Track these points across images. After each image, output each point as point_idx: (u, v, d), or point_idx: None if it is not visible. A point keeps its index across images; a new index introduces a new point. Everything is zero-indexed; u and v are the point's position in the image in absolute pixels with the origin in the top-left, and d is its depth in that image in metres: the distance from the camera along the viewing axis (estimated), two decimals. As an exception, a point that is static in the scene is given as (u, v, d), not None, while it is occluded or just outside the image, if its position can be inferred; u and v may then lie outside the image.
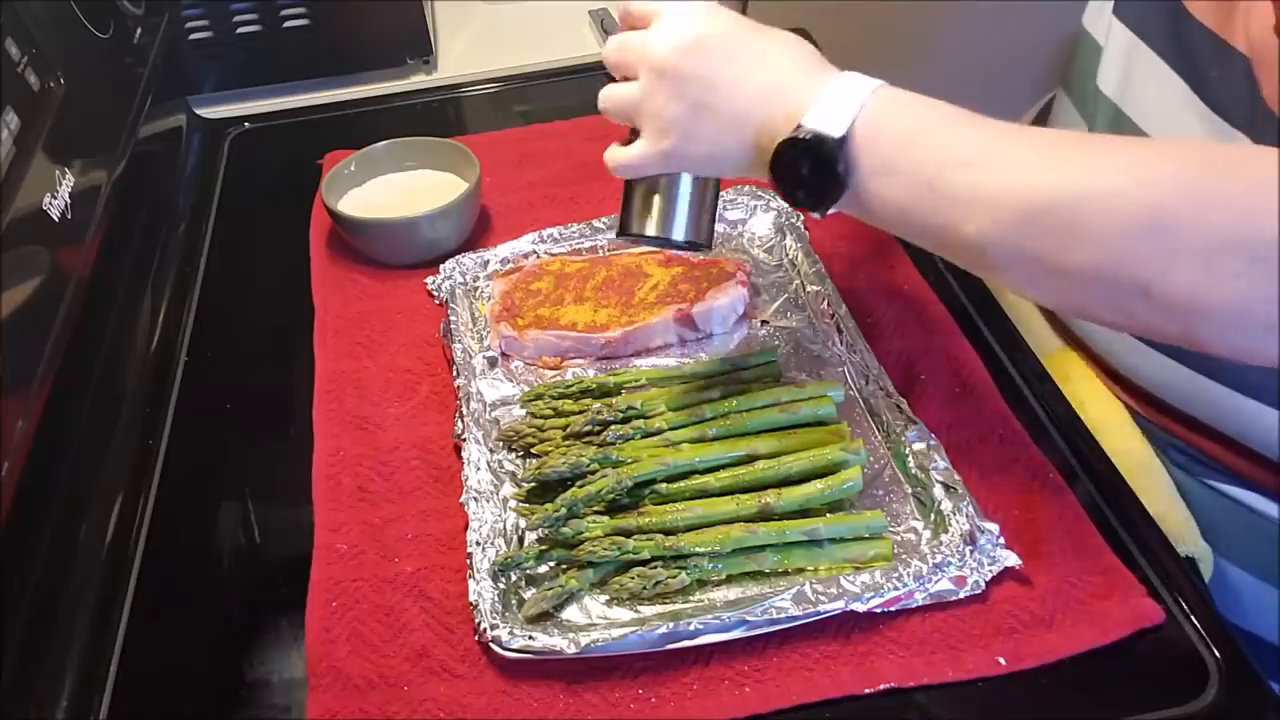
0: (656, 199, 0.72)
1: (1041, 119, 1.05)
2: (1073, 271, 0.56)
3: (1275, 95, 0.68)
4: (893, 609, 0.67)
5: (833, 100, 0.62)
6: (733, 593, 0.70)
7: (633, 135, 0.70)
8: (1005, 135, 0.59)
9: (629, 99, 0.69)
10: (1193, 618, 0.67)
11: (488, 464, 0.78)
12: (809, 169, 0.62)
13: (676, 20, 0.67)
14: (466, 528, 0.73)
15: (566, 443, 0.78)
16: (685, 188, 0.72)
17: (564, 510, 0.71)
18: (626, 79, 0.69)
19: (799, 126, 0.62)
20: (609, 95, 0.71)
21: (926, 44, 1.98)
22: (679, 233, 0.72)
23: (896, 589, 0.67)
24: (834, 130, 0.61)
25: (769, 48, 0.66)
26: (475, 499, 0.75)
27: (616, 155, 0.71)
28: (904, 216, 0.62)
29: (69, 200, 0.82)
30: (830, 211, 0.64)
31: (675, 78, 0.66)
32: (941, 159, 0.59)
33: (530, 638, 0.66)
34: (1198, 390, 0.80)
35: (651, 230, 0.72)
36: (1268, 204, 0.50)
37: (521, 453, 0.80)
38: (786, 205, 0.98)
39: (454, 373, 0.87)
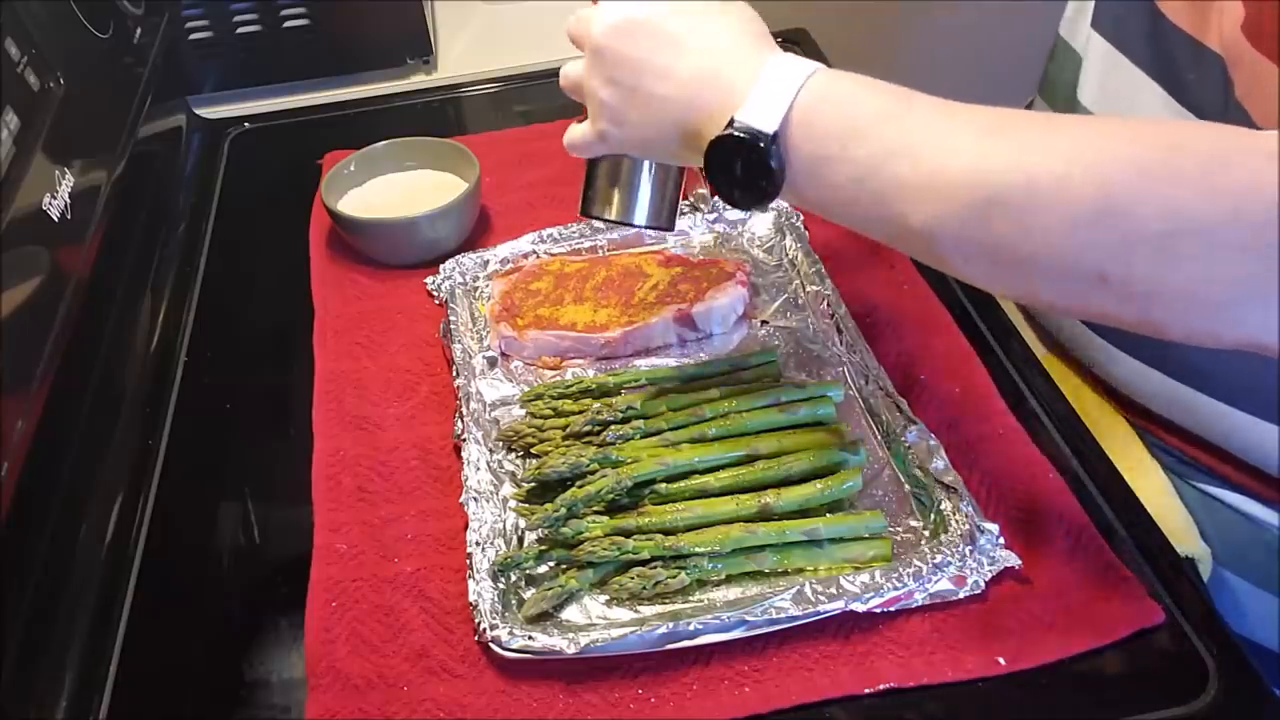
0: (618, 180, 0.71)
1: None
2: (1025, 261, 0.53)
3: (1248, 93, 0.68)
4: (892, 609, 0.67)
5: (765, 90, 0.59)
6: (732, 593, 0.70)
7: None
8: (948, 118, 0.56)
9: (576, 76, 0.68)
10: (1193, 618, 0.67)
11: (487, 464, 0.78)
12: (742, 167, 0.60)
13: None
14: (466, 528, 0.73)
15: (566, 443, 0.78)
16: (644, 169, 0.71)
17: (564, 510, 0.71)
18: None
19: (731, 121, 0.59)
20: (565, 71, 0.70)
21: (926, 44, 1.99)
22: (638, 216, 0.72)
23: (896, 589, 0.67)
24: (767, 125, 0.58)
25: (702, 27, 0.63)
26: (475, 499, 0.75)
27: (570, 133, 0.70)
28: (847, 209, 0.60)
29: (69, 200, 0.82)
30: (771, 206, 0.63)
31: (607, 59, 0.64)
32: (881, 149, 0.57)
33: (530, 638, 0.66)
34: (1186, 401, 0.79)
35: (611, 214, 0.72)
36: (1223, 183, 0.48)
37: (521, 453, 0.80)
38: (786, 205, 0.98)
39: (454, 373, 0.87)
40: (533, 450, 0.79)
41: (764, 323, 0.90)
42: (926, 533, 0.72)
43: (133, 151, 0.98)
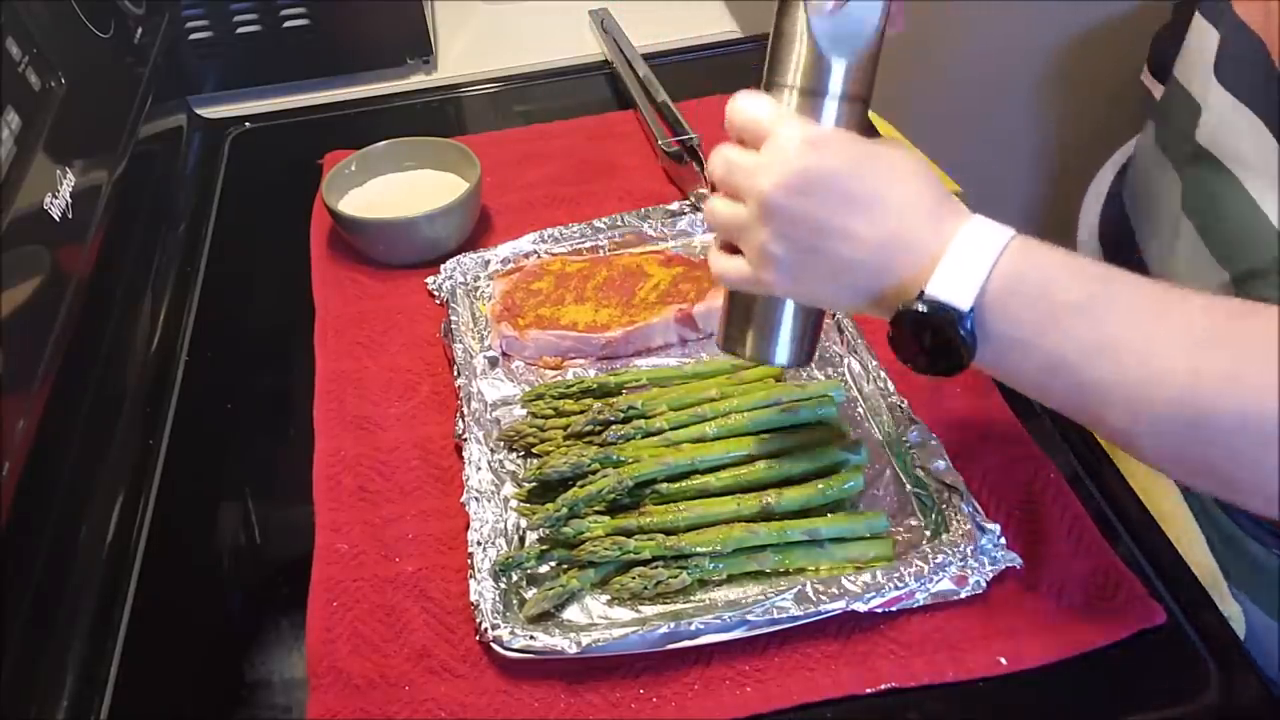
0: (756, 317, 0.66)
1: (1120, 173, 0.97)
2: (1229, 481, 0.54)
3: None
4: (893, 609, 0.67)
5: (958, 262, 0.56)
6: (733, 593, 0.70)
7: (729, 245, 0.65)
8: (1155, 319, 0.54)
9: (734, 221, 0.62)
10: (1193, 618, 0.67)
11: (488, 464, 0.78)
12: (931, 339, 0.57)
13: (787, 150, 0.59)
14: (467, 527, 0.73)
15: (567, 443, 0.78)
16: (788, 310, 0.65)
17: (565, 510, 0.71)
18: (729, 196, 0.63)
19: (920, 294, 0.56)
20: (715, 211, 0.64)
21: (926, 44, 1.99)
22: (780, 356, 0.66)
23: (897, 589, 0.67)
24: (960, 302, 0.56)
25: (889, 188, 0.59)
26: (476, 499, 0.75)
27: (717, 263, 0.65)
28: (1041, 392, 0.59)
29: (69, 200, 0.82)
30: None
31: (781, 218, 0.59)
32: (1078, 346, 0.55)
33: (531, 638, 0.66)
34: None
35: (748, 353, 0.67)
36: None
37: (522, 453, 0.80)
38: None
39: (455, 373, 0.87)
40: (534, 450, 0.79)
41: (765, 323, 0.90)
42: (928, 533, 0.72)
43: (133, 151, 0.98)
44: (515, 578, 0.71)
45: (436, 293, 0.96)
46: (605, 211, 1.01)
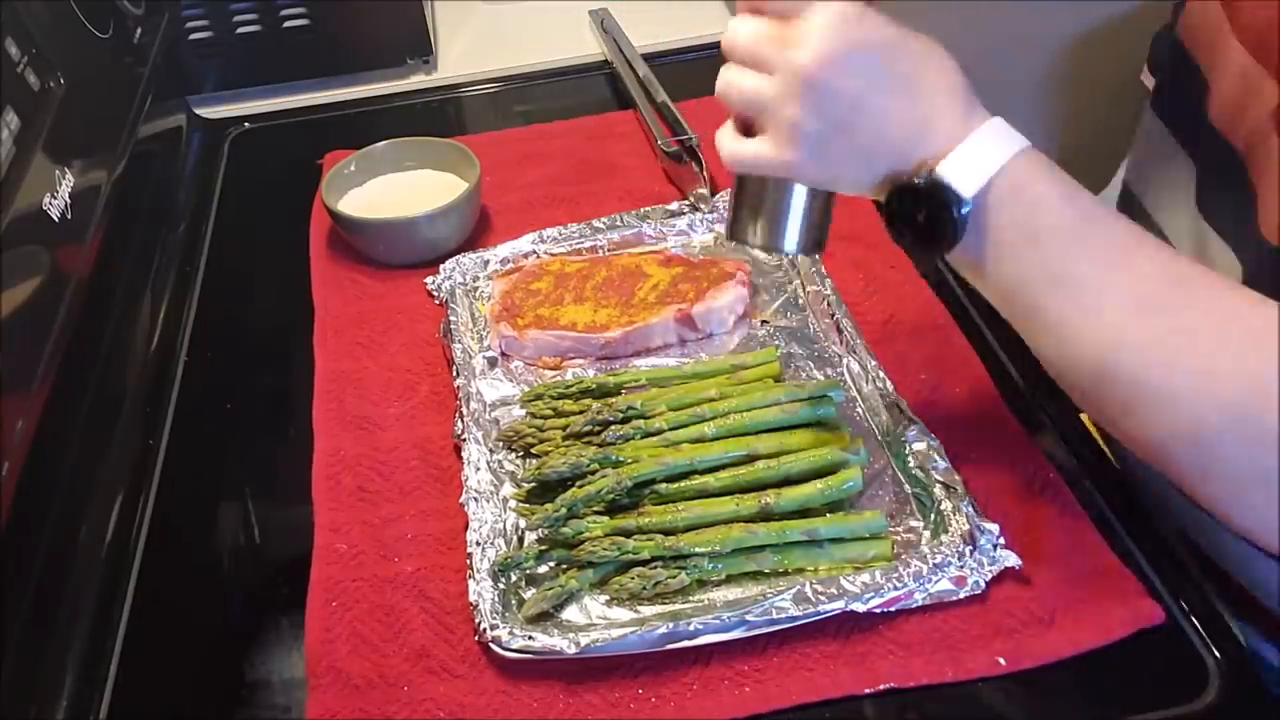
0: (768, 203, 0.65)
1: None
2: (1135, 438, 0.58)
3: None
4: (892, 609, 0.67)
5: (973, 152, 0.58)
6: (732, 593, 0.70)
7: (743, 125, 0.64)
8: (1117, 269, 0.58)
9: (757, 95, 0.60)
10: (1193, 618, 0.67)
11: (487, 464, 0.78)
12: (926, 217, 0.59)
13: (827, 24, 0.58)
14: (466, 528, 0.73)
15: (566, 443, 0.78)
16: (801, 195, 0.65)
17: (564, 510, 0.71)
18: (751, 68, 0.61)
19: (929, 170, 0.59)
20: (732, 82, 0.62)
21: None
22: (790, 243, 0.66)
23: (896, 589, 0.67)
24: (966, 188, 0.58)
25: (923, 72, 0.60)
26: (475, 499, 0.75)
27: (730, 146, 0.63)
28: (1002, 302, 0.62)
29: (69, 200, 0.82)
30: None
31: (819, 90, 0.58)
32: (1045, 269, 0.58)
33: (530, 638, 0.66)
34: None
35: (759, 241, 0.67)
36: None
37: (521, 453, 0.80)
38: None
39: (454, 373, 0.87)
40: (533, 450, 0.79)
41: (764, 323, 0.90)
42: (927, 533, 0.72)
43: (133, 151, 0.98)
44: (514, 578, 0.71)
45: (436, 293, 0.96)
46: (605, 211, 1.01)
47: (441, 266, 0.97)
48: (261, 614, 0.74)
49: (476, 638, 0.68)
